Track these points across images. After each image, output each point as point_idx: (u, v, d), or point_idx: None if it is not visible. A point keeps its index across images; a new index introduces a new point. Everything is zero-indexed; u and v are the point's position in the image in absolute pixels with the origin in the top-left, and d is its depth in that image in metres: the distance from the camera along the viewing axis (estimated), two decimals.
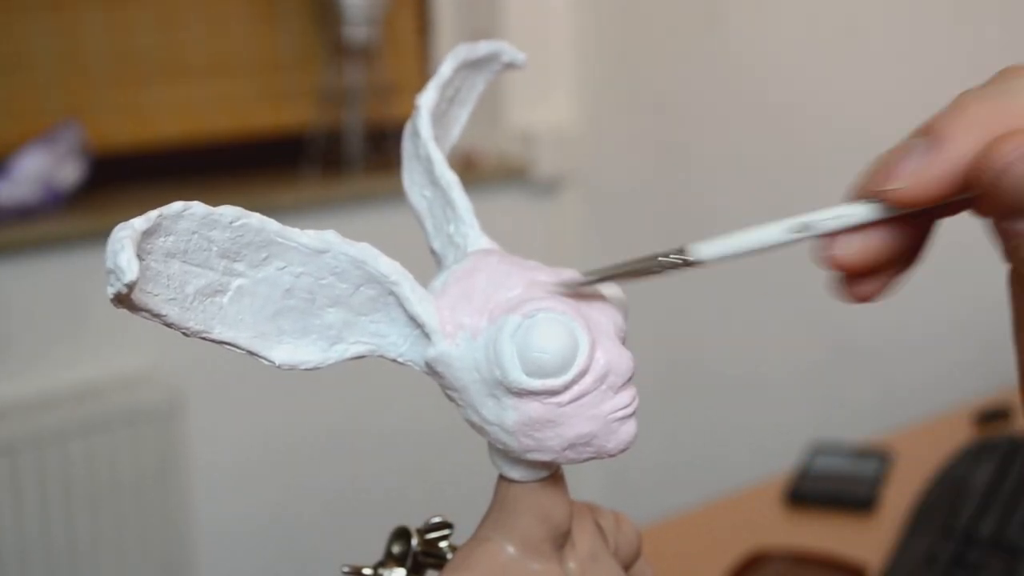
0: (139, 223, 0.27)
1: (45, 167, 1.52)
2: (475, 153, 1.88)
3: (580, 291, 0.33)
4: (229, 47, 1.77)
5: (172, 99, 1.73)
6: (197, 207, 0.28)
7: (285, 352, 0.31)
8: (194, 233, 0.28)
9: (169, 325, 0.28)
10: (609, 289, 0.34)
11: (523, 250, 0.35)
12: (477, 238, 0.36)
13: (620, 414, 0.32)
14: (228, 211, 0.28)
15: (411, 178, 0.38)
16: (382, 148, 1.82)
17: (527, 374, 0.31)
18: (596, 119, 1.92)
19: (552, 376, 0.31)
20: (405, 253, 0.35)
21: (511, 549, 0.34)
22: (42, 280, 1.52)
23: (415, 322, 0.32)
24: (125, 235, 0.26)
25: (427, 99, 0.37)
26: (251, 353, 0.30)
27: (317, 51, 1.84)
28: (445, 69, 0.38)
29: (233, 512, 1.69)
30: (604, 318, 0.33)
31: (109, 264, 0.26)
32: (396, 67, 1.90)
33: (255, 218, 0.29)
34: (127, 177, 1.69)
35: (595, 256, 1.92)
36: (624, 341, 0.33)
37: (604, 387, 0.32)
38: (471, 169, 1.85)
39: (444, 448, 1.71)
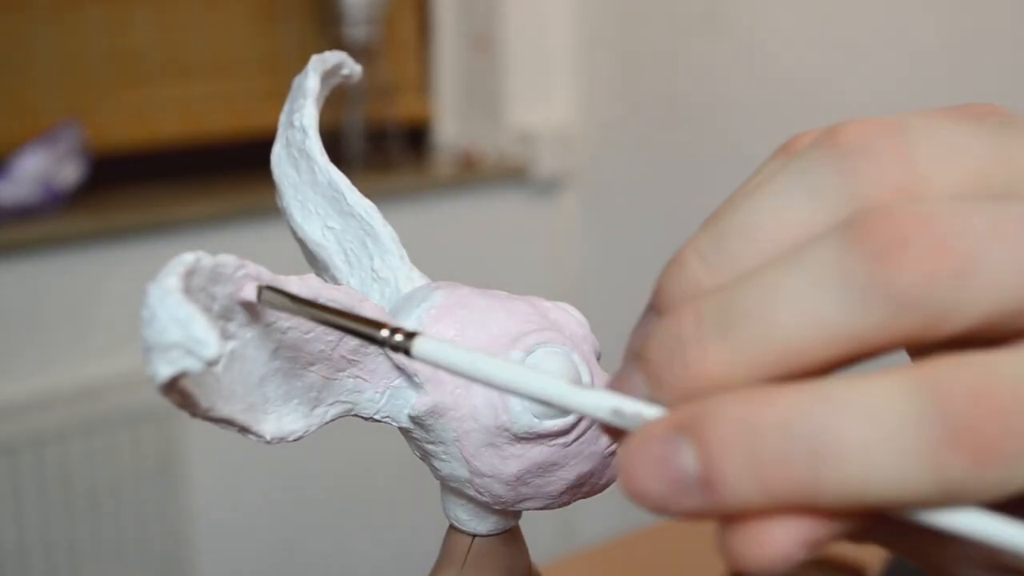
0: (174, 282, 0.22)
1: (45, 167, 1.52)
2: (475, 153, 1.88)
3: (548, 314, 0.31)
4: (229, 47, 1.77)
5: (172, 99, 1.73)
6: (205, 259, 0.24)
7: (272, 424, 0.27)
8: (202, 291, 0.24)
9: (181, 406, 0.24)
10: (571, 309, 0.32)
11: (523, 250, 0.33)
12: (409, 271, 0.33)
13: (614, 447, 0.30)
14: (230, 260, 0.25)
15: (306, 209, 0.34)
16: (382, 148, 1.82)
17: (536, 416, 0.29)
18: (596, 119, 1.91)
19: (561, 415, 0.29)
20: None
21: None
22: (42, 280, 1.52)
23: (400, 371, 0.29)
24: (177, 296, 0.21)
25: (310, 118, 0.33)
26: (243, 430, 0.27)
27: (317, 51, 1.82)
28: (312, 83, 0.34)
29: (232, 512, 1.69)
30: (586, 344, 0.31)
31: (174, 336, 0.21)
32: (396, 67, 1.90)
33: (251, 267, 0.25)
34: (127, 177, 1.69)
35: (595, 256, 1.92)
36: (599, 361, 0.31)
37: None
38: (471, 169, 1.85)
39: None
